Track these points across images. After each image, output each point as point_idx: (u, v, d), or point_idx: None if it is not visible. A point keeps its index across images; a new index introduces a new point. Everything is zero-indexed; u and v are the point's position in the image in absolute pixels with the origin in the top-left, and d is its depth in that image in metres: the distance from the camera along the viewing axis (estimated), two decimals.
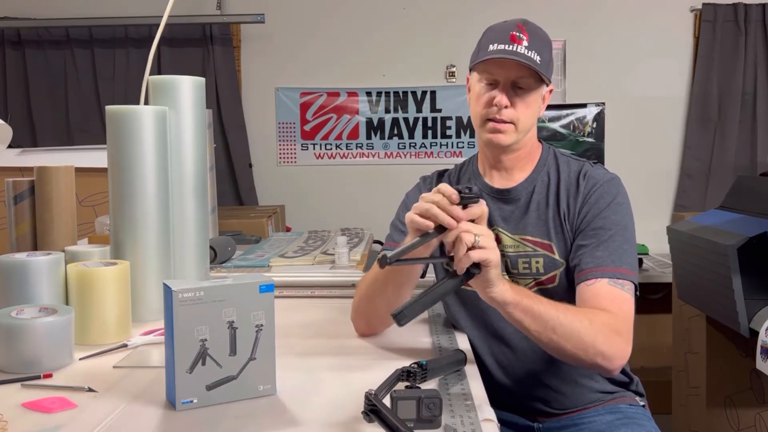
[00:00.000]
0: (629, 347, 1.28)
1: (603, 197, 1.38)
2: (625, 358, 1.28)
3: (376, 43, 3.94)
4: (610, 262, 1.32)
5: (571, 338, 1.23)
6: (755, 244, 1.91)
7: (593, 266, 1.32)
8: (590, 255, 1.33)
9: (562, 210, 1.40)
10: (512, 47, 1.35)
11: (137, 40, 3.88)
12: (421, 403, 0.94)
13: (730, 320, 1.99)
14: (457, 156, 3.95)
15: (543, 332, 1.23)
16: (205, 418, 0.97)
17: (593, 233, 1.36)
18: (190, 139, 1.57)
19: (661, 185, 3.90)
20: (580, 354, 1.24)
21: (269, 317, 1.04)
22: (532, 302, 1.23)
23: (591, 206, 1.38)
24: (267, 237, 2.59)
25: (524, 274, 1.41)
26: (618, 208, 1.38)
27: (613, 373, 1.31)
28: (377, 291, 1.36)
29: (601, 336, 1.24)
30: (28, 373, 1.13)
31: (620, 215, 1.37)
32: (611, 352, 1.25)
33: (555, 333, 1.22)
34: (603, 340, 1.24)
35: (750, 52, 3.78)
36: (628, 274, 1.32)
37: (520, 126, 1.40)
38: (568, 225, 1.39)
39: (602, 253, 1.33)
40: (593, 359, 1.25)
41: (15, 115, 3.80)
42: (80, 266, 1.37)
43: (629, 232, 1.37)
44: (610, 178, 1.42)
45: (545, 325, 1.22)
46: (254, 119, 3.97)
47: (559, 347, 1.24)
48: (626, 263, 1.33)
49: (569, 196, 1.41)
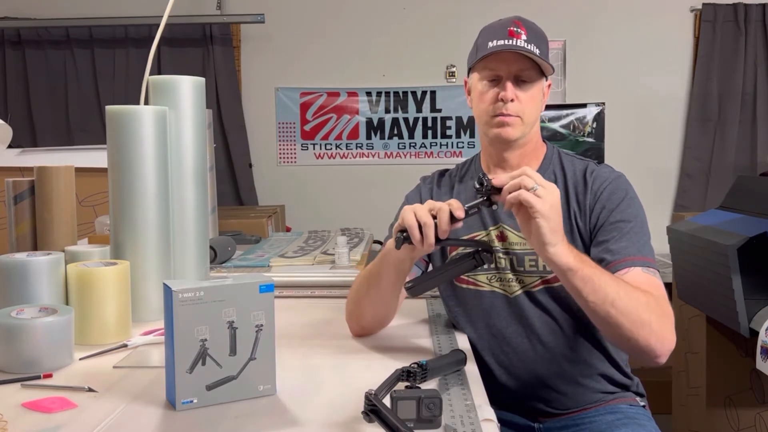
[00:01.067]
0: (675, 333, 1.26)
1: (615, 192, 1.39)
2: (673, 343, 1.25)
3: (376, 43, 3.94)
4: (637, 251, 1.32)
5: (629, 314, 1.20)
6: (755, 244, 1.91)
7: (623, 257, 1.32)
8: (617, 247, 1.33)
9: (572, 209, 1.41)
10: (512, 41, 1.36)
11: (137, 40, 3.88)
12: (421, 403, 0.94)
13: (730, 320, 1.99)
14: (457, 156, 3.96)
15: (601, 305, 1.19)
16: (205, 418, 0.97)
17: (613, 227, 1.36)
18: (190, 139, 1.57)
19: (661, 185, 3.90)
20: (635, 332, 1.20)
21: (269, 317, 1.04)
22: (594, 271, 1.20)
23: (605, 202, 1.38)
24: (267, 237, 2.59)
25: (531, 272, 1.41)
26: (632, 202, 1.39)
27: (660, 361, 1.25)
28: (362, 295, 1.37)
29: (654, 316, 1.22)
30: (28, 373, 1.13)
31: (635, 209, 1.38)
32: (663, 334, 1.23)
33: (613, 307, 1.19)
34: (656, 320, 1.22)
35: (750, 52, 3.78)
36: (654, 263, 1.33)
37: (526, 119, 1.41)
38: (581, 223, 1.40)
39: (628, 244, 1.33)
40: (647, 340, 1.21)
41: (15, 115, 3.80)
42: (80, 266, 1.37)
43: (646, 226, 1.38)
44: (618, 175, 1.43)
45: (605, 297, 1.19)
46: (254, 119, 3.97)
47: (615, 323, 1.20)
48: (650, 254, 1.34)
49: (578, 193, 1.42)
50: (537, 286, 1.40)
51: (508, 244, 1.42)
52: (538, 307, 1.41)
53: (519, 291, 1.42)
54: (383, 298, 1.36)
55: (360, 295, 1.38)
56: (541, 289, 1.40)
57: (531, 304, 1.41)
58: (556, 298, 1.40)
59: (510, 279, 1.42)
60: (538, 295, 1.41)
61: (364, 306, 1.38)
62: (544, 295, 1.40)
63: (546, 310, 1.41)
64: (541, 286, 1.40)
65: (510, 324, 1.43)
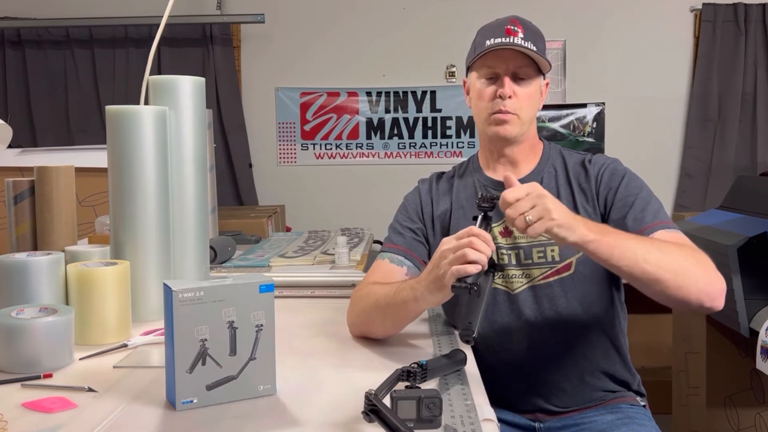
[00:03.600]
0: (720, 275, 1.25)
1: (615, 173, 1.42)
2: (723, 283, 1.24)
3: (376, 43, 3.94)
4: (653, 217, 1.34)
5: (666, 266, 1.19)
6: (755, 244, 1.91)
7: (642, 225, 1.33)
8: (633, 218, 1.35)
9: (579, 199, 1.42)
10: (509, 39, 1.38)
11: (137, 40, 3.88)
12: (421, 403, 0.94)
13: (730, 320, 1.99)
14: (457, 156, 3.96)
15: (635, 266, 1.19)
16: (205, 418, 0.97)
17: (622, 203, 1.38)
18: (190, 139, 1.57)
19: (661, 185, 3.89)
20: (679, 282, 1.19)
21: (269, 317, 1.04)
22: (616, 236, 1.21)
23: (607, 183, 1.41)
24: (267, 237, 2.59)
25: (539, 264, 1.41)
26: (633, 177, 1.42)
27: (717, 304, 1.23)
28: (376, 321, 1.35)
29: (692, 261, 1.22)
30: (28, 373, 1.13)
31: (638, 182, 1.41)
32: (709, 277, 1.22)
33: (647, 263, 1.18)
34: (696, 265, 1.22)
35: (750, 52, 3.78)
36: (673, 224, 1.35)
37: (523, 116, 1.42)
38: (590, 210, 1.41)
39: (643, 214, 1.35)
40: (696, 285, 1.20)
41: (15, 115, 3.80)
42: (80, 266, 1.37)
43: (654, 195, 1.40)
44: (614, 159, 1.47)
45: (635, 257, 1.18)
46: (254, 119, 3.97)
47: (655, 278, 1.19)
48: (666, 218, 1.36)
49: (580, 182, 1.44)
50: (546, 277, 1.40)
51: (513, 239, 1.43)
52: (541, 303, 1.41)
53: (523, 286, 1.42)
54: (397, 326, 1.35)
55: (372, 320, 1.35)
56: (548, 282, 1.40)
57: (533, 301, 1.42)
58: (562, 292, 1.40)
59: (513, 275, 1.42)
60: (543, 290, 1.41)
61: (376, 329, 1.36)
62: (550, 289, 1.40)
63: (549, 306, 1.41)
64: (551, 278, 1.40)
65: (511, 321, 1.43)
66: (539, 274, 1.41)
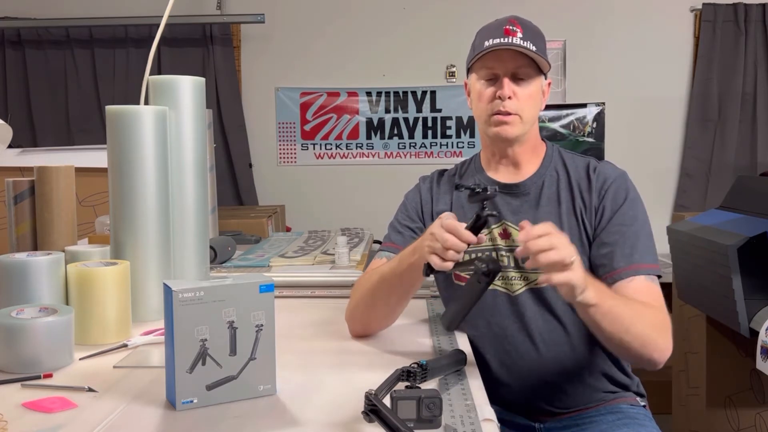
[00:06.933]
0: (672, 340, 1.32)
1: (618, 193, 1.40)
2: (670, 351, 1.31)
3: (376, 43, 3.94)
4: (641, 258, 1.35)
5: (639, 337, 1.25)
6: (755, 244, 1.91)
7: (626, 264, 1.34)
8: (621, 253, 1.35)
9: (578, 207, 1.41)
10: (508, 39, 1.37)
11: (137, 40, 3.88)
12: (421, 403, 0.94)
13: (730, 320, 1.99)
14: (457, 156, 3.95)
15: (617, 333, 1.24)
16: (205, 418, 0.97)
17: (616, 230, 1.38)
18: (190, 139, 1.57)
19: (661, 185, 3.90)
20: (641, 350, 1.27)
21: (269, 317, 1.04)
22: (613, 303, 1.23)
23: (608, 202, 1.40)
24: (267, 237, 2.59)
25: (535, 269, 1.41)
26: (634, 203, 1.40)
27: (658, 368, 1.32)
28: (380, 297, 1.36)
29: (657, 331, 1.28)
30: (28, 373, 1.13)
31: (637, 210, 1.40)
32: (664, 347, 1.29)
33: (628, 334, 1.24)
34: (659, 337, 1.28)
35: (750, 52, 3.78)
36: (656, 269, 1.37)
37: (525, 117, 1.42)
38: (586, 221, 1.40)
39: (631, 251, 1.35)
40: (651, 354, 1.28)
41: (15, 115, 3.80)
42: (80, 266, 1.37)
43: (648, 226, 1.40)
44: (621, 173, 1.44)
45: (620, 327, 1.24)
46: (254, 119, 3.97)
47: (627, 346, 1.26)
48: (652, 257, 1.37)
49: (582, 191, 1.42)
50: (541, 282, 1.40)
51: (511, 241, 1.42)
52: (541, 305, 1.41)
53: (522, 289, 1.42)
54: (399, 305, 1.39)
55: (376, 298, 1.37)
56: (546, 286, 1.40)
57: (533, 302, 1.41)
58: None
59: (513, 277, 1.42)
60: (542, 292, 1.41)
61: (380, 308, 1.38)
62: (550, 292, 1.40)
63: (549, 308, 1.41)
64: None
65: (512, 322, 1.43)
66: (535, 279, 1.40)
